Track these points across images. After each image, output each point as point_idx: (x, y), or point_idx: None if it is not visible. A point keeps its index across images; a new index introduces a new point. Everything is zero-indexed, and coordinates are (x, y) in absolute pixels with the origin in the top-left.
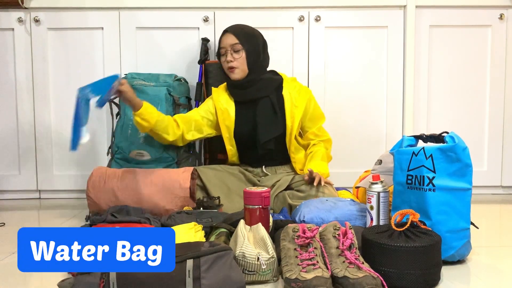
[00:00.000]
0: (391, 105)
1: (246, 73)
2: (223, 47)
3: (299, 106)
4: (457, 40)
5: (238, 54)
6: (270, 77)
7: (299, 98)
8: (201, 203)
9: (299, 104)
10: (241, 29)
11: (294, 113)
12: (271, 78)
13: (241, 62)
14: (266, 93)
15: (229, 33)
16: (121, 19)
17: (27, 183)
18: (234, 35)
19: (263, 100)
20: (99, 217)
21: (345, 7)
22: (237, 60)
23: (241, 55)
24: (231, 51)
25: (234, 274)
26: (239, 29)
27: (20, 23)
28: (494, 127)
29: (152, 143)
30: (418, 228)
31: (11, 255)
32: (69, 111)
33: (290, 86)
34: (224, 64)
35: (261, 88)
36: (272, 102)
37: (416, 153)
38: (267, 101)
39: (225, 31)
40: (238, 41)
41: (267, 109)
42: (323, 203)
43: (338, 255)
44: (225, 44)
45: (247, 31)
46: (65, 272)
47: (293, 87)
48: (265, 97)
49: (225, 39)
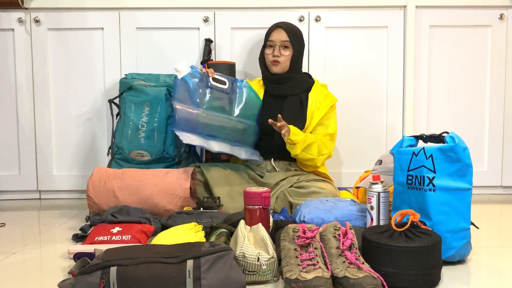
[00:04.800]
0: (391, 105)
1: (287, 70)
2: (272, 40)
3: (320, 109)
4: (457, 40)
5: (286, 51)
6: (303, 78)
7: (323, 103)
8: (201, 203)
9: (321, 107)
10: (292, 28)
11: (314, 114)
12: (304, 79)
13: (287, 58)
14: (297, 92)
15: (281, 29)
16: (121, 20)
17: (27, 183)
18: (286, 32)
19: (292, 97)
20: (99, 217)
21: (345, 7)
22: (284, 56)
23: (288, 53)
24: (280, 47)
25: (234, 274)
26: (290, 27)
27: (20, 23)
28: (494, 127)
29: (152, 144)
30: (418, 228)
31: (11, 255)
32: (69, 111)
33: (319, 90)
34: (268, 56)
35: (294, 86)
36: (301, 100)
37: (416, 153)
38: (297, 99)
39: (277, 26)
40: (289, 39)
41: (295, 105)
42: (323, 203)
43: (338, 255)
44: (275, 38)
45: (297, 31)
46: (65, 272)
47: (321, 92)
48: (295, 95)
49: (277, 34)
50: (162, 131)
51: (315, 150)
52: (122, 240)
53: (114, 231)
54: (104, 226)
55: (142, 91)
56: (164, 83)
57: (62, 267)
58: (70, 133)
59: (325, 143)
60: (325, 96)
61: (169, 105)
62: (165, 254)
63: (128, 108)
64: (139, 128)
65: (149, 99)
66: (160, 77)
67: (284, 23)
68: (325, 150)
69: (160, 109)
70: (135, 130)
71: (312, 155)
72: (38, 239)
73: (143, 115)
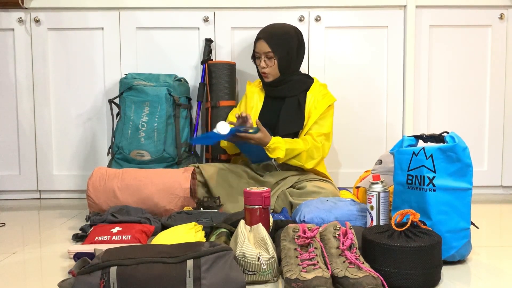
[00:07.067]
0: (391, 105)
1: (278, 76)
2: (257, 52)
3: (318, 108)
4: (457, 40)
5: (271, 62)
6: (301, 79)
7: (321, 102)
8: (201, 203)
9: (318, 106)
10: (273, 35)
11: (312, 113)
12: (302, 80)
13: (273, 68)
14: (295, 93)
15: (262, 40)
16: (121, 19)
17: (27, 183)
18: (266, 42)
19: (291, 99)
20: (99, 217)
21: (345, 7)
22: (270, 67)
23: (273, 63)
24: (264, 58)
25: (234, 274)
26: (272, 35)
27: (20, 23)
28: (494, 127)
29: (152, 144)
30: (419, 228)
31: (11, 255)
32: (69, 111)
33: (317, 90)
34: (258, 68)
35: (291, 88)
36: (299, 101)
37: (416, 153)
38: (295, 100)
39: (258, 38)
40: (271, 49)
41: (293, 107)
42: (323, 203)
43: (338, 255)
44: (258, 50)
45: (280, 36)
46: (65, 272)
47: (319, 91)
48: (293, 96)
49: (259, 46)
50: (162, 131)
51: (304, 158)
52: (122, 240)
53: (114, 231)
54: (104, 226)
55: (142, 91)
56: (164, 83)
57: (62, 267)
58: (70, 133)
59: (317, 146)
60: (323, 95)
61: (169, 105)
62: (165, 254)
63: (128, 108)
64: (139, 128)
65: (149, 99)
66: (160, 77)
67: (264, 32)
68: (316, 154)
69: (160, 109)
70: (135, 130)
71: (300, 161)
72: (38, 239)
73: (143, 115)
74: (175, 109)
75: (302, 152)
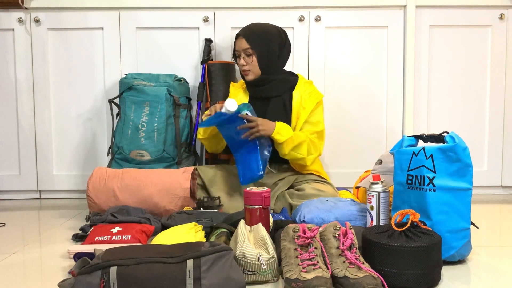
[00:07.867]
0: (391, 105)
1: (260, 74)
2: (237, 50)
3: (306, 107)
4: (457, 40)
5: (250, 59)
6: (284, 78)
7: (308, 100)
8: (201, 203)
9: (306, 106)
10: (253, 33)
11: (300, 113)
12: (286, 79)
13: (253, 65)
14: (279, 93)
15: (241, 37)
16: (121, 19)
17: (27, 183)
18: (245, 39)
19: (276, 99)
20: (99, 217)
21: (345, 7)
22: (249, 64)
23: (252, 59)
24: (243, 55)
25: (234, 274)
26: (251, 32)
27: (20, 23)
28: (494, 127)
29: (152, 144)
30: (419, 228)
31: (11, 255)
32: (69, 111)
33: (303, 88)
34: (238, 65)
35: (275, 88)
36: (284, 101)
37: (416, 153)
38: (280, 100)
39: (237, 35)
40: (249, 45)
41: (278, 108)
42: (323, 203)
43: (338, 255)
44: (238, 48)
45: (260, 34)
46: (65, 272)
47: (305, 89)
48: (278, 96)
49: (238, 43)
50: (162, 131)
51: (305, 149)
52: (122, 240)
53: (114, 231)
54: (104, 226)
55: (142, 91)
56: (164, 83)
57: (62, 267)
58: (70, 133)
59: (314, 142)
60: (310, 93)
61: (169, 105)
62: (165, 254)
63: (128, 108)
64: (139, 128)
65: (149, 99)
66: (160, 77)
67: (244, 29)
68: (313, 150)
69: (160, 109)
70: (135, 130)
71: (301, 154)
72: (38, 239)
73: (143, 115)
74: (175, 109)
75: (303, 141)
